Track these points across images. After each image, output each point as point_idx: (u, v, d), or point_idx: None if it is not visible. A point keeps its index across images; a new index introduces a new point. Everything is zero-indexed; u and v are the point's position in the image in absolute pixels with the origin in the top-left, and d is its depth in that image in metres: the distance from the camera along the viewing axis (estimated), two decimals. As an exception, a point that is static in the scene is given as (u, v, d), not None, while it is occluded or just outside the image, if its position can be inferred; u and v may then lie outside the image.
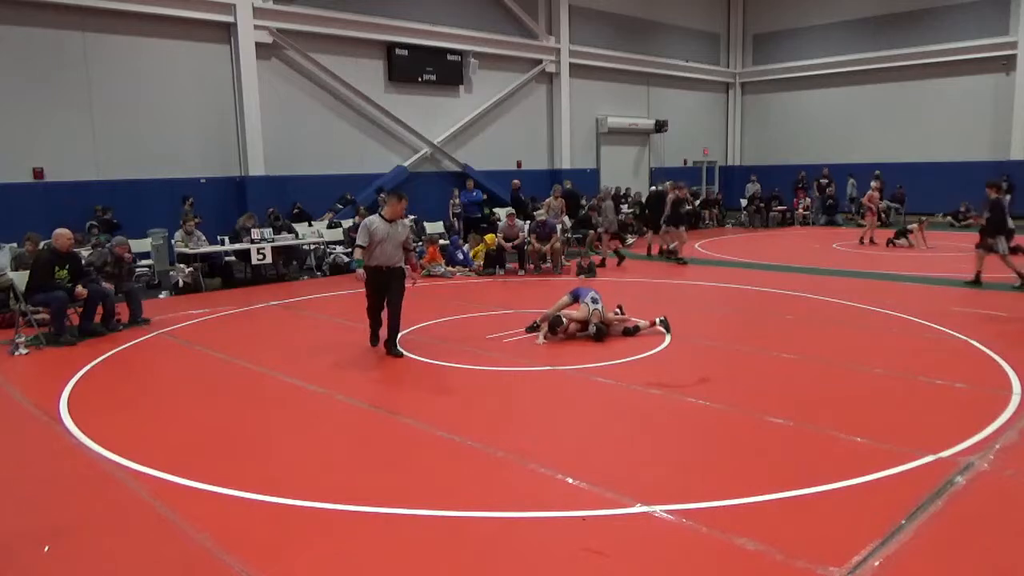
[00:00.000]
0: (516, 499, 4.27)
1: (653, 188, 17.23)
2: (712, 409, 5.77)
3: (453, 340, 8.20)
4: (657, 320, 8.44)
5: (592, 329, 7.98)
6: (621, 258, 14.45)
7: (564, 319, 7.98)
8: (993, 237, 10.72)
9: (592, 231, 15.63)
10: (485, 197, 18.28)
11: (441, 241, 14.93)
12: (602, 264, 13.77)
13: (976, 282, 10.93)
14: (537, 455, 4.84)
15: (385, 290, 7.58)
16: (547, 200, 15.26)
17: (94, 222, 13.08)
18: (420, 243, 14.62)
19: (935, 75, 23.26)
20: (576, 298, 8.26)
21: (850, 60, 24.82)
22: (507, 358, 7.43)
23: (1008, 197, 16.29)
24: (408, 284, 7.81)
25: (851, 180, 23.07)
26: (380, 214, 7.61)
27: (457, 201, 17.66)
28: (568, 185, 18.34)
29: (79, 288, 8.64)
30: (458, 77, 19.28)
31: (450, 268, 13.66)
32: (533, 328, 8.37)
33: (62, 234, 8.85)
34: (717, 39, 27.63)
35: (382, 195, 17.69)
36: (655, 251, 15.47)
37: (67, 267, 8.79)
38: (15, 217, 12.27)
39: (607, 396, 6.24)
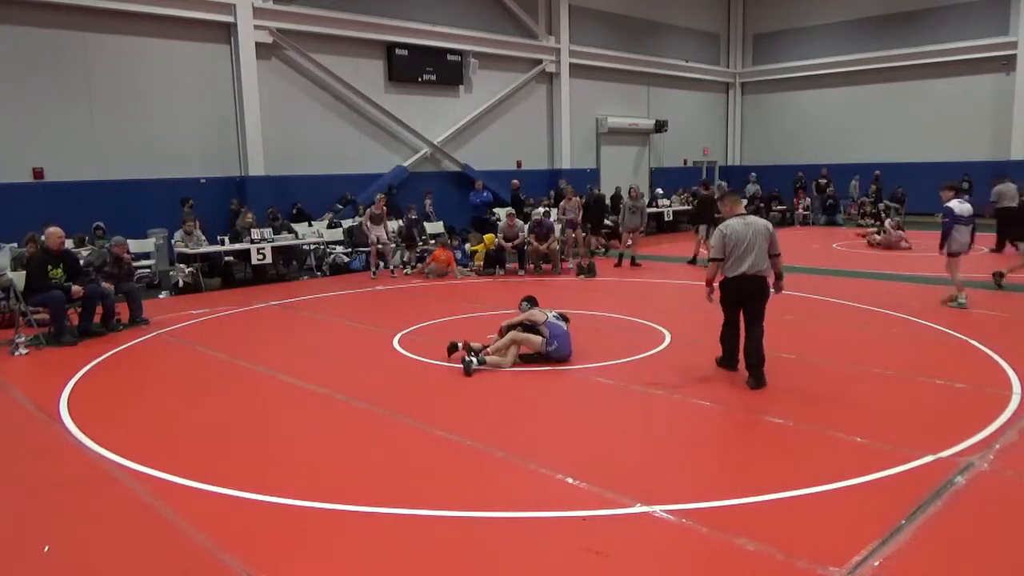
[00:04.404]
0: (516, 499, 4.27)
1: (700, 190, 16.14)
2: (712, 409, 5.77)
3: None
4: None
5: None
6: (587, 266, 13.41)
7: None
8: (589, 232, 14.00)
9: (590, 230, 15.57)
10: (492, 198, 18.26)
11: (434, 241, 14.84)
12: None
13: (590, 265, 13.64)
14: (537, 455, 4.84)
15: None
16: (562, 203, 15.07)
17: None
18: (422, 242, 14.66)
19: (935, 75, 23.25)
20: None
21: (850, 60, 24.80)
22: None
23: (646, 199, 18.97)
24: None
25: (854, 182, 23.05)
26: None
27: (413, 206, 17.01)
28: (564, 185, 18.20)
29: (75, 287, 8.64)
30: (458, 77, 19.26)
31: (462, 268, 13.65)
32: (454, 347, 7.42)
33: (53, 232, 8.86)
34: (717, 39, 27.61)
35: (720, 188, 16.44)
36: (700, 254, 13.91)
37: (61, 265, 8.79)
38: (15, 217, 12.26)
39: (607, 396, 6.24)
